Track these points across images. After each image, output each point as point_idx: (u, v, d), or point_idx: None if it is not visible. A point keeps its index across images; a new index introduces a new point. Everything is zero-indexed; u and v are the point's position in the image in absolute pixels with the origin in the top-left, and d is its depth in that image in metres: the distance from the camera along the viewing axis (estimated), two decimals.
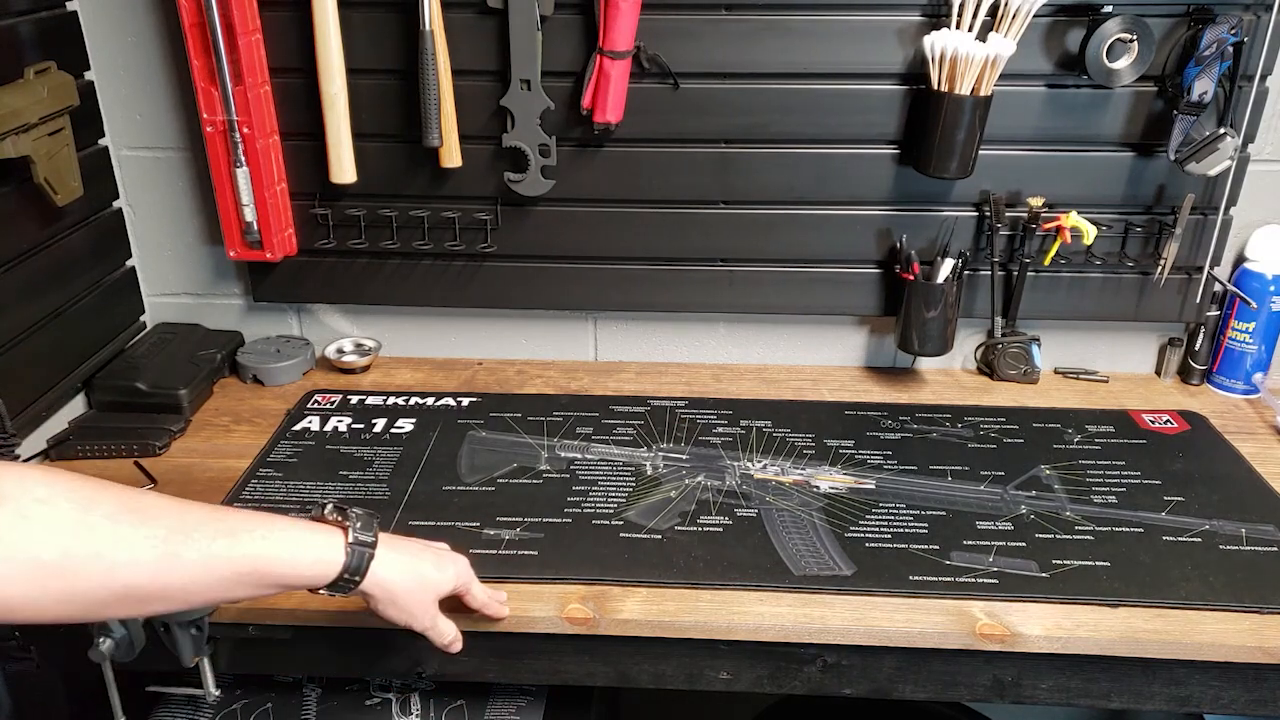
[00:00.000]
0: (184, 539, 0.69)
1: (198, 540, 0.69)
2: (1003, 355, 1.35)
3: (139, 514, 0.68)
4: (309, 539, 0.77)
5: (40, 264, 1.16)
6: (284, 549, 0.75)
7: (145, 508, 0.69)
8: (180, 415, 1.24)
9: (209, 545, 0.70)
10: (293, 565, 0.75)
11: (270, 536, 0.74)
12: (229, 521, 0.73)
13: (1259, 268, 1.29)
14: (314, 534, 0.77)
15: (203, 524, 0.71)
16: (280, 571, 0.74)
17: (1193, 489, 1.11)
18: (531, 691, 1.10)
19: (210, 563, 0.70)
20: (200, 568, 0.69)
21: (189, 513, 0.71)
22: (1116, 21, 1.14)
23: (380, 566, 0.79)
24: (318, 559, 0.76)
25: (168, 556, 0.67)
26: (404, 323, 1.43)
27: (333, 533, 0.78)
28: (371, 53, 1.22)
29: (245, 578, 0.72)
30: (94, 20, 1.24)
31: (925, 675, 0.95)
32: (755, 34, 1.21)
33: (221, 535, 0.71)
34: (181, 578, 0.69)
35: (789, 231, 1.31)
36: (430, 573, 0.85)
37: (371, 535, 0.80)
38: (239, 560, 0.71)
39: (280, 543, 0.74)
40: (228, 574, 0.71)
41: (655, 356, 1.43)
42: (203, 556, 0.69)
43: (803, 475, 1.14)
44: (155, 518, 0.68)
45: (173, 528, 0.69)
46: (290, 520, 0.78)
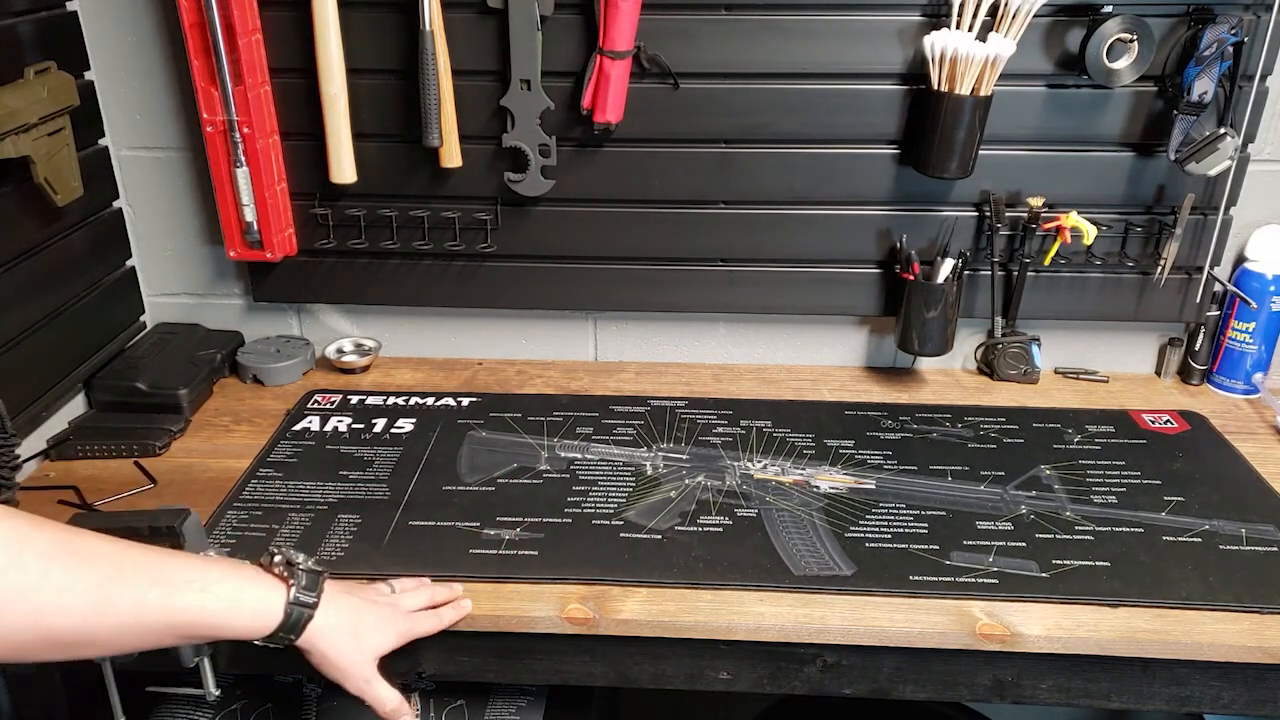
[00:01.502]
0: (119, 586, 0.66)
1: (132, 588, 0.67)
2: (1003, 355, 1.35)
3: (74, 556, 0.65)
4: (247, 595, 0.75)
5: (40, 264, 1.16)
6: (220, 603, 0.73)
7: (81, 549, 0.66)
8: (180, 415, 1.24)
9: (143, 594, 0.67)
10: (227, 621, 0.73)
11: (208, 590, 0.72)
12: (166, 569, 0.70)
13: (1259, 268, 1.29)
14: (254, 589, 0.75)
15: (139, 571, 0.68)
16: (214, 625, 0.72)
17: (1193, 489, 1.11)
18: (531, 691, 1.10)
19: (142, 613, 0.68)
20: (132, 617, 0.67)
21: (126, 558, 0.68)
22: (1116, 21, 1.14)
23: (316, 627, 0.78)
24: (254, 615, 0.75)
25: (100, 603, 0.65)
26: (404, 323, 1.43)
27: (274, 587, 0.77)
28: (371, 53, 1.22)
29: (178, 629, 0.70)
30: (94, 20, 1.24)
31: (925, 675, 0.95)
32: (755, 34, 1.21)
33: (157, 584, 0.69)
34: (112, 625, 0.66)
35: (789, 231, 1.31)
36: (369, 635, 0.83)
37: (314, 596, 0.78)
38: (173, 611, 0.69)
39: (217, 597, 0.72)
40: (160, 624, 0.69)
41: (655, 356, 1.43)
42: (135, 606, 0.67)
43: (803, 475, 1.14)
44: (90, 561, 0.66)
45: (108, 574, 0.66)
46: (231, 570, 0.76)
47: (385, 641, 0.84)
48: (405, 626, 0.87)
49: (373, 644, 0.83)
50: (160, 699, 1.06)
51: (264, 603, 0.76)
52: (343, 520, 1.05)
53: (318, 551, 1.00)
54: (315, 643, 0.79)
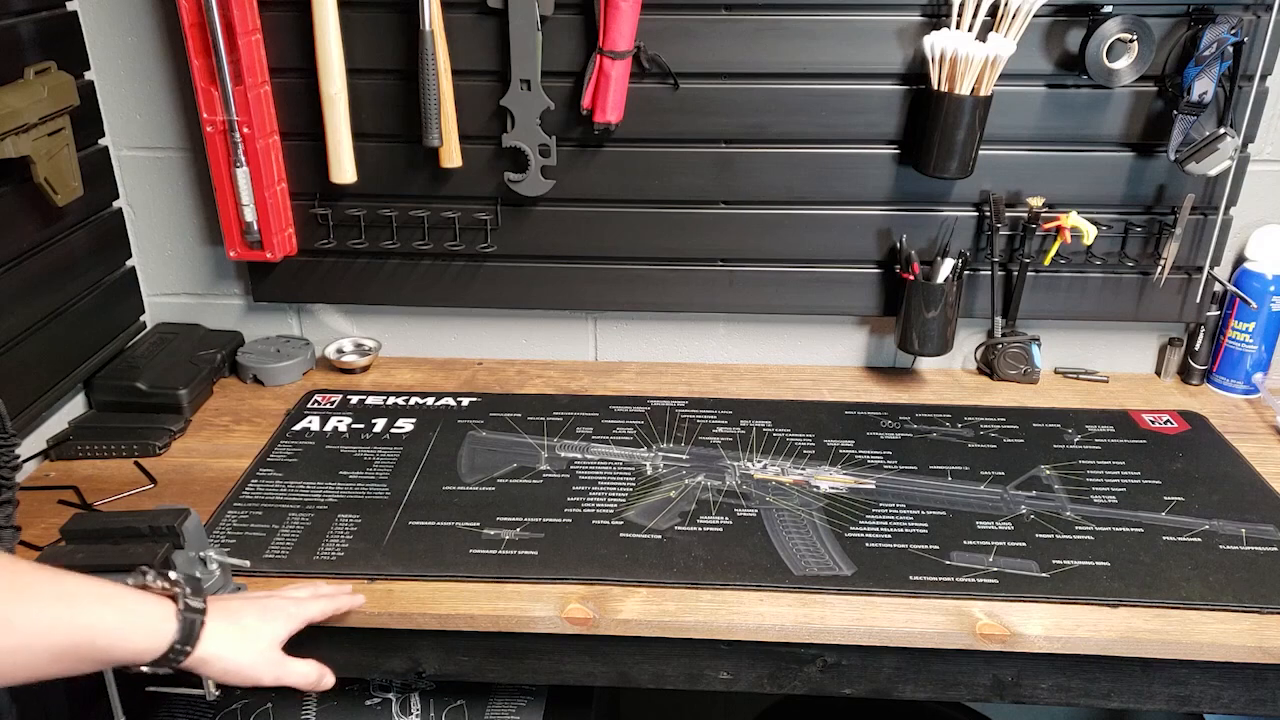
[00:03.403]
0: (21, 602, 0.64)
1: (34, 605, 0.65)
2: (1003, 355, 1.35)
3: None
4: (143, 609, 0.73)
5: (40, 264, 1.16)
6: (118, 618, 0.71)
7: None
8: (180, 415, 1.24)
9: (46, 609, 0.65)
10: (124, 636, 0.71)
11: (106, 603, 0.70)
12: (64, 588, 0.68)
13: (1259, 268, 1.29)
14: (146, 602, 0.73)
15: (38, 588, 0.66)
16: (111, 643, 0.70)
17: (1193, 489, 1.11)
18: (531, 691, 1.10)
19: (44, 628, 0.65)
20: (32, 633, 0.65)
21: (24, 572, 0.66)
22: (1116, 21, 1.14)
23: (209, 635, 0.76)
24: (150, 629, 0.73)
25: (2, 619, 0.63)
26: (404, 323, 1.43)
27: (163, 601, 0.75)
28: (371, 53, 1.22)
29: (75, 649, 0.68)
30: (94, 20, 1.24)
31: (925, 675, 0.95)
32: (755, 34, 1.21)
33: (58, 600, 0.66)
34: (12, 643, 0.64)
35: (789, 231, 1.31)
36: (261, 628, 0.82)
37: (201, 603, 0.77)
38: (74, 629, 0.67)
39: (116, 610, 0.71)
40: (58, 644, 0.66)
41: (655, 356, 1.43)
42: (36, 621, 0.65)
43: (803, 475, 1.14)
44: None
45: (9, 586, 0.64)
46: (120, 587, 0.74)
47: (279, 629, 0.84)
48: (295, 610, 0.86)
49: (268, 634, 0.83)
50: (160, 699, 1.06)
51: (158, 616, 0.73)
52: (343, 520, 1.05)
53: (318, 551, 1.00)
54: (212, 651, 0.77)
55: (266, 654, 0.82)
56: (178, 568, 0.83)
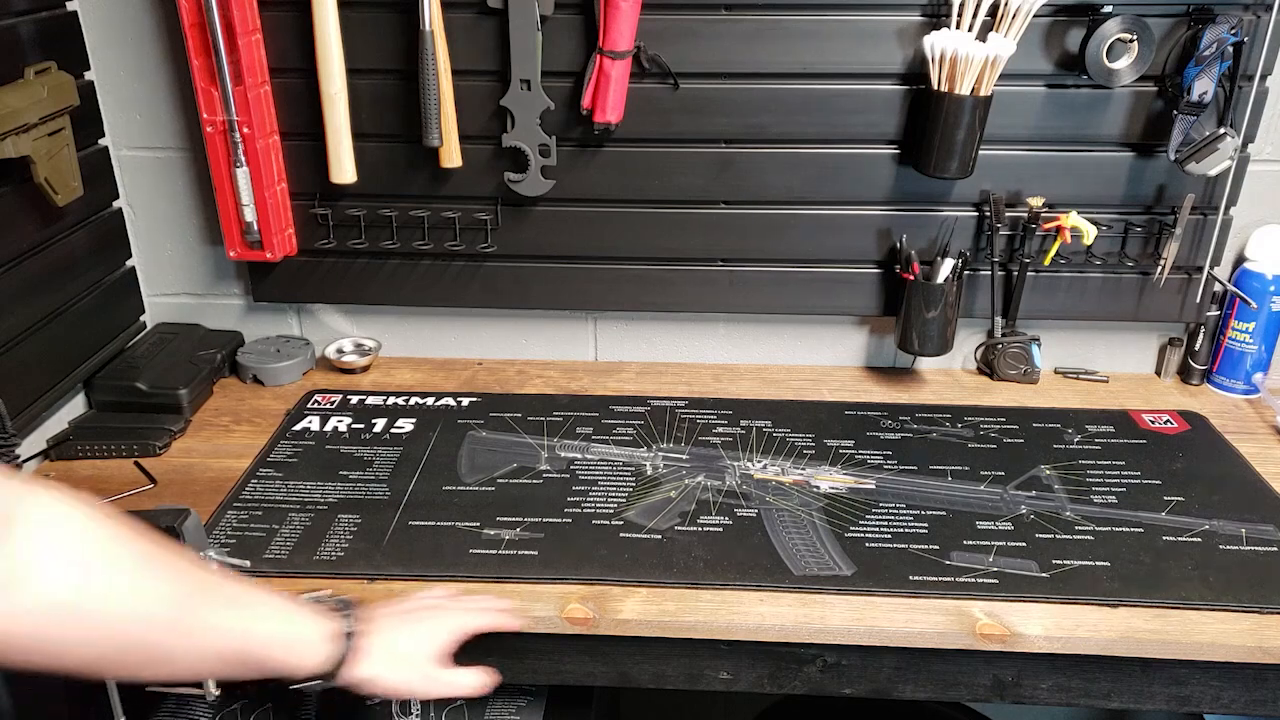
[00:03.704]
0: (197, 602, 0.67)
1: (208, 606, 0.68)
2: (1003, 355, 1.35)
3: (158, 566, 0.66)
4: (305, 627, 0.75)
5: (40, 264, 1.16)
6: (280, 629, 0.73)
7: (163, 562, 0.67)
8: (180, 415, 1.24)
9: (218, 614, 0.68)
10: (285, 648, 0.73)
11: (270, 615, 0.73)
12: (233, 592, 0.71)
13: (1259, 268, 1.29)
14: (311, 622, 0.76)
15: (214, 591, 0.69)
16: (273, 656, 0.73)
17: (1193, 489, 1.11)
18: (531, 691, 1.10)
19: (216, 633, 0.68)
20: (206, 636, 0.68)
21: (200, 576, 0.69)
22: (1116, 21, 1.14)
23: (363, 658, 0.78)
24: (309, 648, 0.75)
25: (179, 618, 0.66)
26: (404, 323, 1.43)
27: (322, 620, 0.77)
28: (371, 53, 1.22)
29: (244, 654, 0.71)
30: (94, 20, 1.24)
31: (925, 675, 0.95)
32: (755, 34, 1.21)
33: (231, 605, 0.70)
34: (189, 643, 0.67)
35: (789, 231, 1.31)
36: (411, 645, 0.83)
37: (357, 625, 0.79)
38: (240, 636, 0.70)
39: (278, 622, 0.73)
40: (227, 649, 0.69)
41: (655, 356, 1.43)
42: (211, 624, 0.68)
43: (803, 475, 1.14)
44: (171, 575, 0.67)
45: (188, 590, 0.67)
46: (287, 601, 0.76)
47: (435, 645, 0.84)
48: (455, 624, 0.86)
49: (423, 651, 0.83)
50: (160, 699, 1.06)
51: (316, 634, 0.76)
52: (343, 520, 1.05)
53: (318, 552, 1.00)
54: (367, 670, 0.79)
55: (422, 670, 0.83)
56: None
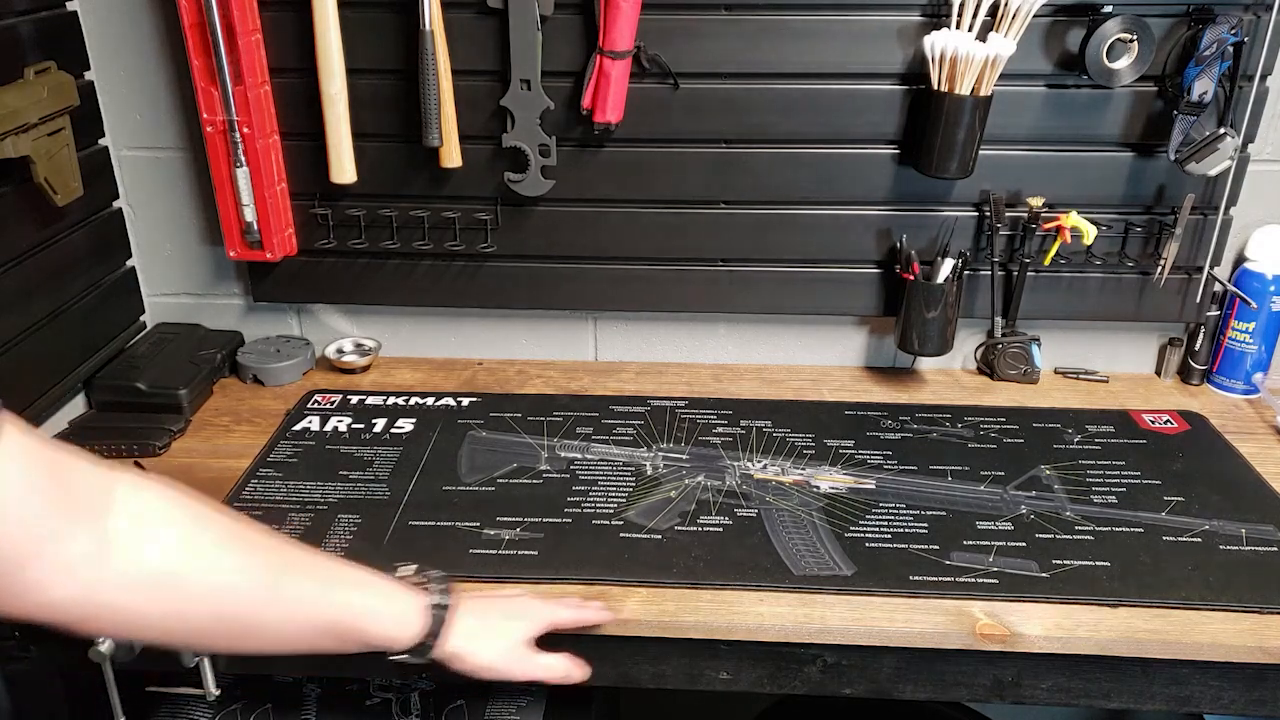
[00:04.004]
0: (287, 577, 0.69)
1: (299, 579, 0.70)
2: (1003, 355, 1.35)
3: (245, 541, 0.68)
4: (395, 596, 0.77)
5: (40, 264, 1.16)
6: (372, 602, 0.75)
7: (251, 537, 0.69)
8: (180, 415, 1.24)
9: (309, 587, 0.70)
10: (377, 621, 0.75)
11: (364, 590, 0.74)
12: (325, 568, 0.73)
13: (1259, 268, 1.29)
14: (399, 591, 0.78)
15: (302, 565, 0.71)
16: (365, 625, 0.74)
17: (1193, 489, 1.11)
18: (531, 691, 1.10)
19: (307, 606, 0.70)
20: (298, 608, 0.70)
21: (288, 550, 0.72)
22: (1116, 21, 1.14)
23: (456, 632, 0.80)
24: (400, 618, 0.76)
25: (270, 590, 0.68)
26: (404, 323, 1.43)
27: (415, 594, 0.78)
28: (371, 53, 1.22)
29: (333, 626, 0.72)
30: (94, 20, 1.24)
31: (925, 675, 0.95)
32: (755, 34, 1.21)
33: (321, 581, 0.71)
34: (278, 614, 0.69)
35: (789, 231, 1.31)
36: (502, 624, 0.85)
37: (448, 599, 0.80)
38: (333, 607, 0.72)
39: (369, 595, 0.75)
40: (319, 619, 0.71)
41: (655, 356, 1.43)
42: (300, 596, 0.70)
43: (803, 475, 1.14)
44: (260, 549, 0.69)
45: (276, 564, 0.69)
46: (376, 575, 0.78)
47: (526, 627, 0.85)
48: (543, 612, 0.88)
49: (514, 631, 0.85)
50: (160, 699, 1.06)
51: (408, 607, 0.77)
52: (343, 520, 1.05)
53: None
54: (457, 647, 0.80)
55: (512, 651, 0.84)
56: None
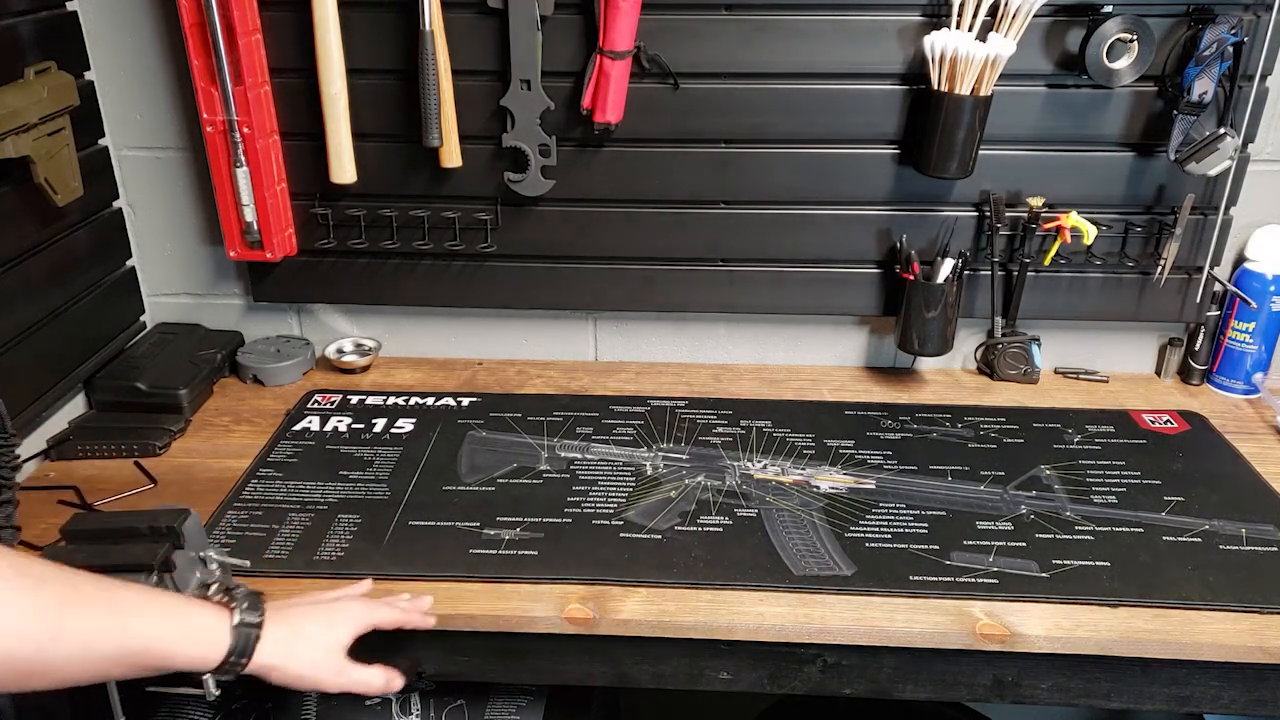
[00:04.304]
0: (74, 610, 0.66)
1: (87, 614, 0.66)
2: (1003, 355, 1.35)
3: (29, 579, 0.64)
4: (196, 619, 0.74)
5: (40, 264, 1.16)
6: (172, 629, 0.72)
7: (35, 574, 0.65)
8: (180, 415, 1.24)
9: (99, 621, 0.67)
10: (177, 646, 0.72)
11: (160, 617, 0.72)
12: (118, 598, 0.70)
13: (1259, 268, 1.29)
14: (202, 614, 0.75)
15: (92, 598, 0.68)
16: (165, 653, 0.72)
17: (1193, 489, 1.11)
18: (531, 691, 1.10)
19: (97, 637, 0.67)
20: (87, 642, 0.67)
21: (80, 584, 0.68)
22: (1116, 21, 1.14)
23: (268, 646, 0.77)
24: (203, 644, 0.74)
25: (55, 628, 0.64)
26: (404, 323, 1.43)
27: (219, 613, 0.76)
28: (371, 53, 1.22)
29: (128, 658, 0.70)
30: (94, 20, 1.24)
31: (925, 675, 0.95)
32: (755, 34, 1.21)
33: (111, 612, 0.68)
34: (65, 652, 0.65)
35: (789, 231, 1.31)
36: (324, 634, 0.82)
37: (258, 615, 0.78)
38: (127, 638, 0.69)
39: (170, 622, 0.72)
40: (111, 653, 0.68)
41: (655, 356, 1.43)
42: (91, 630, 0.67)
43: (803, 475, 1.14)
44: (45, 585, 0.65)
45: (64, 598, 0.66)
46: (179, 599, 0.76)
47: (343, 634, 0.84)
48: (361, 614, 0.86)
49: (331, 640, 0.83)
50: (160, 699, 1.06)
51: (212, 629, 0.75)
52: (343, 520, 1.05)
53: (318, 552, 1.00)
54: (271, 660, 0.78)
55: (328, 661, 0.82)
56: (178, 568, 0.83)
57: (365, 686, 0.84)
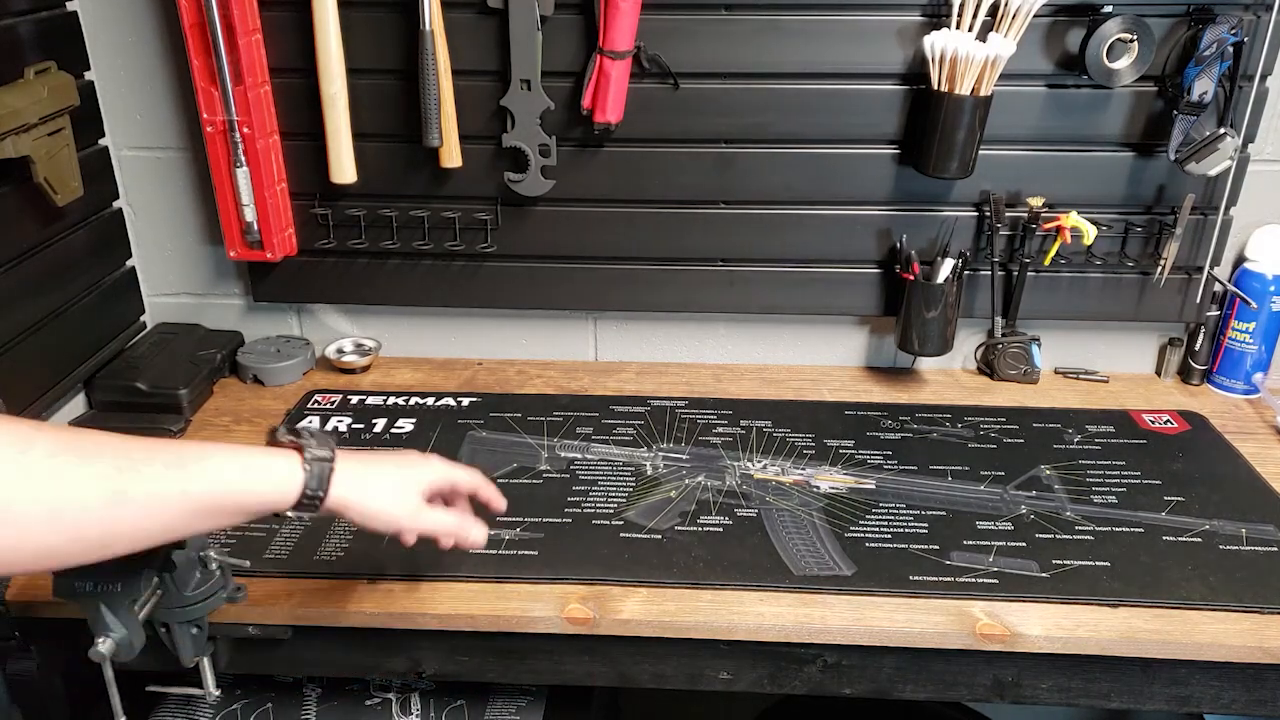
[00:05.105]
0: (132, 475, 0.65)
1: (146, 475, 0.66)
2: (1003, 355, 1.35)
3: (79, 452, 0.64)
4: (264, 462, 0.74)
5: (40, 264, 1.16)
6: (239, 475, 0.72)
7: (86, 445, 0.65)
8: (180, 415, 1.24)
9: (159, 480, 0.67)
10: (250, 490, 0.72)
11: (224, 465, 0.71)
12: (178, 453, 0.70)
13: (1259, 268, 1.29)
14: (269, 457, 0.74)
15: (150, 458, 0.67)
16: (237, 499, 0.71)
17: (1193, 489, 1.11)
18: (531, 691, 1.10)
19: (162, 496, 0.67)
20: (153, 503, 0.67)
21: (134, 448, 0.67)
22: (1116, 21, 1.14)
23: (342, 479, 0.77)
24: (277, 481, 0.74)
25: (115, 494, 0.64)
26: (404, 323, 1.43)
27: (289, 454, 0.76)
28: (371, 53, 1.22)
29: (203, 509, 0.69)
30: (94, 20, 1.24)
31: (925, 675, 0.95)
32: (755, 34, 1.21)
33: (171, 467, 0.68)
34: (133, 515, 0.66)
35: (789, 231, 1.31)
36: (395, 473, 0.82)
37: (328, 451, 0.77)
38: (193, 494, 0.68)
39: (235, 469, 0.72)
40: (183, 508, 0.68)
41: (655, 356, 1.43)
42: (153, 492, 0.66)
43: (803, 475, 1.14)
44: (98, 454, 0.65)
45: (118, 464, 0.65)
46: (243, 448, 0.75)
47: (420, 477, 0.82)
48: (441, 468, 0.85)
49: (408, 481, 0.82)
50: (160, 699, 1.06)
51: (284, 468, 0.74)
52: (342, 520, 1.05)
53: (318, 552, 1.00)
54: (347, 494, 0.77)
55: (404, 499, 0.81)
56: (178, 567, 0.83)
57: (440, 527, 0.83)
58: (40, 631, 0.97)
